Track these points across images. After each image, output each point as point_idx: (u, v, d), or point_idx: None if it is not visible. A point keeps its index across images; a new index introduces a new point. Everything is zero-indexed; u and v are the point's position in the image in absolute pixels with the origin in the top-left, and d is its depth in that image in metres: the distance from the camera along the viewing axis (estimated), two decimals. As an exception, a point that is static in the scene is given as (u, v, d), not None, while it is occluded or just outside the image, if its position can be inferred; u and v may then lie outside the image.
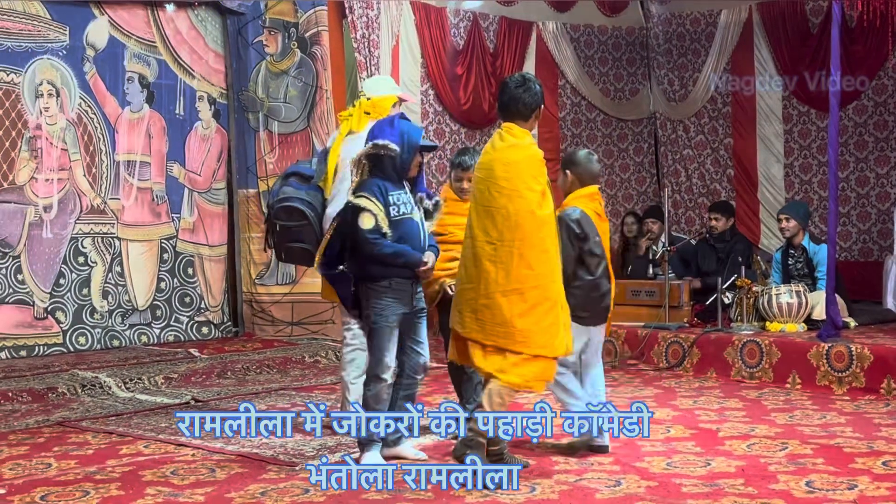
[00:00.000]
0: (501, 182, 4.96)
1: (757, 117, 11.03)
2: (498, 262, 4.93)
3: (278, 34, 9.85)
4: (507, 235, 4.93)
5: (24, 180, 8.83)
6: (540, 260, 4.95)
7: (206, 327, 9.87)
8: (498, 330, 4.92)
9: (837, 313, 7.60)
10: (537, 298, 4.93)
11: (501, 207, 4.94)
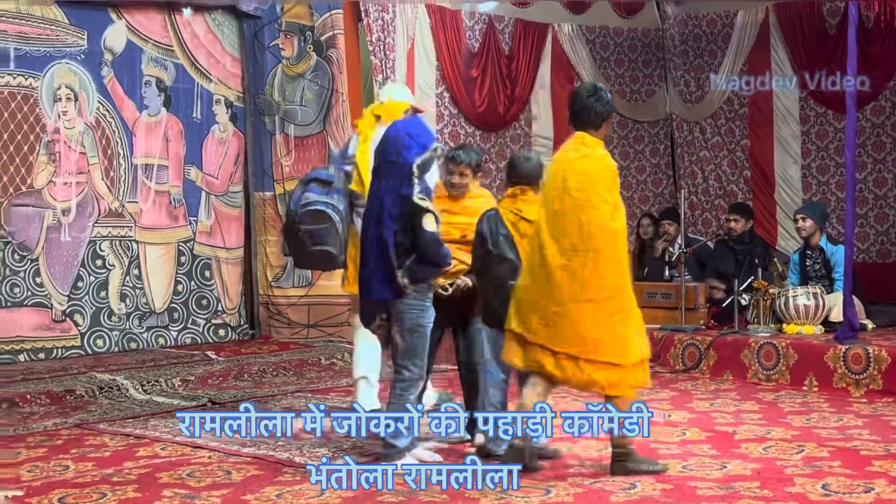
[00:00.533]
0: (574, 192, 5.03)
1: (774, 118, 10.98)
2: (571, 271, 5.01)
3: (294, 38, 9.88)
4: (580, 246, 5.00)
5: (42, 184, 8.88)
6: (613, 271, 5.03)
7: (222, 330, 9.90)
8: (571, 339, 5.00)
9: (855, 315, 7.57)
10: (611, 309, 5.02)
11: (575, 218, 5.01)
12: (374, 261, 5.24)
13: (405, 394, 5.31)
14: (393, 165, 5.26)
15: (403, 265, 5.19)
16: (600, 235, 5.00)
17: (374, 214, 5.30)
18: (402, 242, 5.19)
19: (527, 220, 5.40)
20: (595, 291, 4.99)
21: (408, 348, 5.31)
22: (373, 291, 5.29)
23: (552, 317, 5.03)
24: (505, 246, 5.44)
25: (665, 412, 6.72)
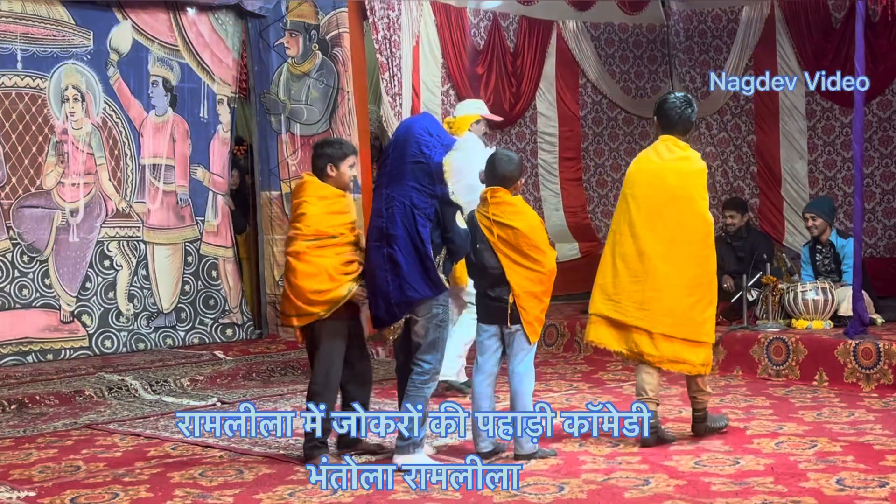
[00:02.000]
0: (677, 190, 5.67)
1: (780, 113, 10.95)
2: (670, 260, 5.62)
3: (299, 36, 9.87)
4: (680, 237, 5.63)
5: (51, 185, 8.88)
6: (708, 260, 5.71)
7: (230, 329, 9.90)
8: (666, 320, 5.60)
9: (864, 310, 7.55)
10: (703, 293, 5.68)
11: (676, 213, 5.64)
12: (408, 261, 5.21)
13: (424, 387, 5.33)
14: (419, 166, 5.26)
15: (437, 262, 5.26)
16: (700, 229, 5.67)
17: (400, 213, 5.25)
18: (432, 240, 5.25)
19: (503, 224, 5.39)
20: (691, 278, 5.62)
21: (432, 342, 5.33)
22: (411, 291, 5.23)
23: (650, 301, 5.62)
24: (484, 255, 5.45)
25: (677, 407, 6.70)
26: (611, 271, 5.77)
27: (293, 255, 5.41)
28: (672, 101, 5.82)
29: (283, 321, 5.66)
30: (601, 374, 8.20)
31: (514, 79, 10.80)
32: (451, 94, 10.37)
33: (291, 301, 5.43)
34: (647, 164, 5.81)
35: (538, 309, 5.46)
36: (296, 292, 5.40)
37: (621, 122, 11.77)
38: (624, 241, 5.73)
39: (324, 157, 5.56)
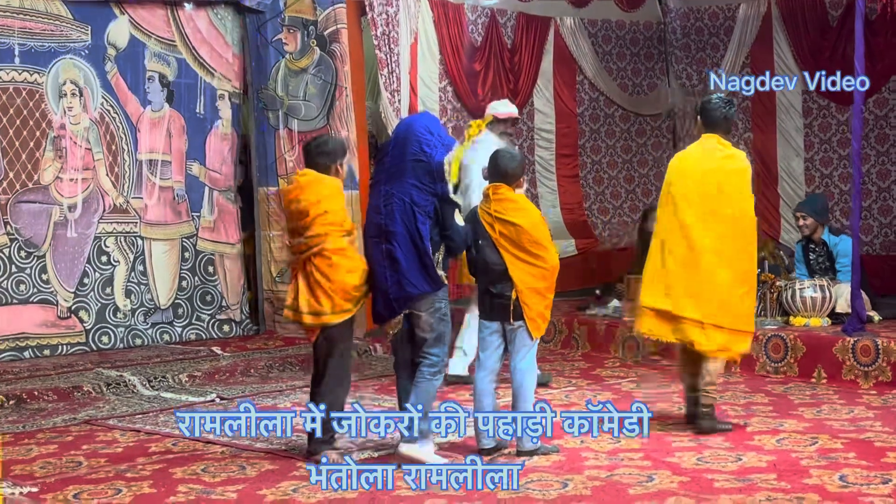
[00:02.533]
0: (726, 187, 5.94)
1: (777, 111, 10.98)
2: (722, 254, 5.89)
3: (297, 32, 9.85)
4: (729, 232, 5.91)
5: (49, 180, 8.86)
6: (753, 254, 6.06)
7: (227, 325, 9.88)
8: (718, 311, 5.86)
9: (863, 307, 7.58)
10: (751, 285, 6.05)
11: (725, 209, 5.91)
12: (407, 257, 5.26)
13: (433, 379, 5.40)
14: (420, 164, 5.31)
15: (436, 258, 5.32)
16: (749, 225, 6.00)
17: (399, 210, 5.29)
18: (431, 237, 5.31)
19: (505, 221, 5.41)
20: (742, 272, 5.93)
21: (438, 336, 5.40)
22: (410, 287, 5.28)
23: (702, 292, 5.87)
24: (486, 251, 5.45)
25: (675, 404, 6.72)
26: (660, 265, 5.99)
27: (335, 252, 5.37)
28: (715, 102, 6.07)
29: (313, 320, 5.43)
30: (599, 371, 8.21)
31: (511, 75, 10.79)
32: (449, 90, 10.36)
33: (330, 298, 5.37)
34: (694, 162, 6.06)
35: (542, 305, 5.47)
36: (337, 288, 5.36)
37: (618, 119, 11.78)
38: (673, 237, 5.97)
39: (330, 155, 5.57)
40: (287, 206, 5.58)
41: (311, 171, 5.58)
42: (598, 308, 9.59)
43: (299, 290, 5.44)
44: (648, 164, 11.96)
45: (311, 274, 5.39)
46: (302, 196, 5.46)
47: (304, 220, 5.41)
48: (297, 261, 5.51)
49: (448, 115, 10.32)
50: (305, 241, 5.41)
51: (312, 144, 5.67)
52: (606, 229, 11.69)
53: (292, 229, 5.55)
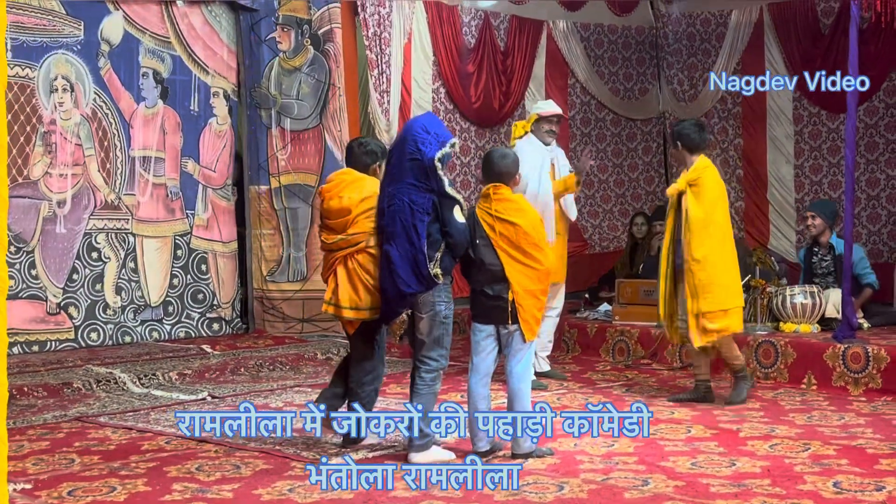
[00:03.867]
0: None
1: (767, 118, 11.02)
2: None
3: (291, 31, 9.84)
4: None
5: (38, 175, 8.82)
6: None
7: (216, 324, 9.86)
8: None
9: (853, 314, 7.61)
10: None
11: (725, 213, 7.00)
12: (401, 256, 5.30)
13: (434, 384, 5.42)
14: (416, 163, 5.35)
15: (434, 257, 5.30)
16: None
17: (399, 210, 5.33)
18: (430, 234, 5.32)
19: (505, 221, 5.41)
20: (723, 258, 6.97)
21: (437, 339, 5.41)
22: (402, 285, 5.31)
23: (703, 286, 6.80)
24: (483, 251, 5.44)
25: (669, 408, 6.74)
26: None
27: (379, 249, 5.52)
28: (688, 129, 6.95)
29: (354, 314, 5.58)
30: (590, 374, 8.23)
31: (504, 78, 10.80)
32: (442, 91, 10.37)
33: (371, 293, 5.53)
34: (717, 174, 7.00)
35: (535, 307, 5.47)
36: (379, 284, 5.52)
37: (609, 124, 11.80)
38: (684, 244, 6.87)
39: (372, 155, 5.80)
40: (327, 203, 5.67)
41: (352, 170, 5.75)
42: (589, 311, 9.62)
43: (339, 285, 5.58)
44: (639, 168, 12.00)
45: (353, 270, 5.54)
46: (344, 193, 5.61)
47: (347, 218, 5.56)
48: (335, 257, 5.62)
49: (440, 116, 10.31)
50: (346, 237, 5.55)
51: (355, 144, 5.88)
52: (596, 233, 11.71)
53: (331, 226, 5.65)
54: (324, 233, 5.73)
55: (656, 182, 12.06)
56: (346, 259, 5.58)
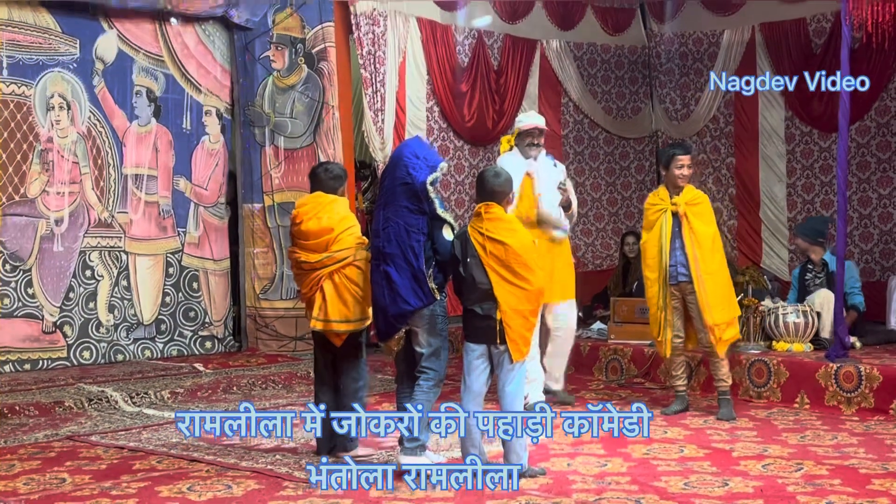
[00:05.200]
0: None
1: (759, 137, 11.08)
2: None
3: (285, 50, 9.87)
4: None
5: (35, 193, 8.81)
6: None
7: (209, 342, 9.84)
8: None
9: (846, 333, 7.63)
10: None
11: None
12: (401, 275, 5.51)
13: (430, 392, 5.59)
14: (407, 187, 5.56)
15: (427, 273, 5.52)
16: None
17: (394, 232, 5.55)
18: (426, 252, 5.54)
19: (495, 240, 5.41)
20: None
21: (434, 351, 5.61)
22: (403, 303, 5.51)
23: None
24: (473, 269, 5.45)
25: (662, 427, 6.75)
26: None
27: (364, 262, 5.81)
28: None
29: (345, 327, 5.84)
30: (584, 394, 8.23)
31: (497, 96, 10.84)
32: (436, 110, 10.40)
33: (360, 304, 5.84)
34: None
35: (524, 328, 5.46)
36: (367, 295, 5.80)
37: (602, 142, 11.84)
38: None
39: (340, 179, 6.06)
40: (305, 224, 5.87)
41: (322, 193, 5.99)
42: (582, 329, 9.61)
43: (328, 301, 5.79)
44: (631, 186, 12.02)
45: (341, 284, 5.77)
46: (323, 214, 5.86)
47: (329, 237, 5.80)
48: (319, 275, 5.80)
49: (434, 134, 10.36)
50: (331, 255, 5.78)
51: (321, 170, 6.10)
52: (589, 251, 11.73)
53: (311, 246, 5.84)
54: (302, 253, 5.89)
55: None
56: (332, 275, 5.79)
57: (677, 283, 7.16)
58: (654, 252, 7.20)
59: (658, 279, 7.19)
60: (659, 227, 7.18)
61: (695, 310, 7.13)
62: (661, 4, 11.59)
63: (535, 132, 7.53)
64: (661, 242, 7.15)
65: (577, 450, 6.08)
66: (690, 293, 7.12)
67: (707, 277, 7.05)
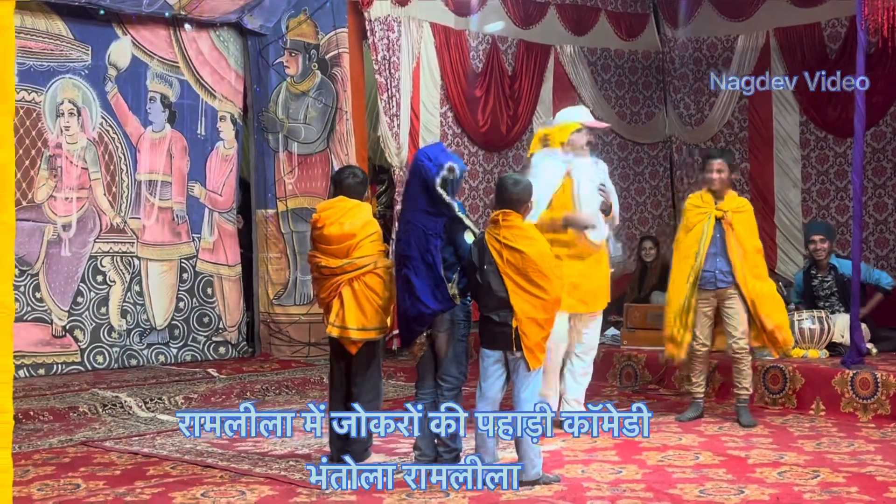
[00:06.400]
0: None
1: (774, 142, 11.02)
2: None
3: (299, 56, 9.88)
4: None
5: (42, 198, 8.83)
6: None
7: (222, 347, 9.85)
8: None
9: (862, 340, 7.58)
10: None
11: None
12: (419, 278, 5.52)
13: (456, 400, 5.60)
14: (424, 190, 5.59)
15: (451, 278, 5.52)
16: None
17: (414, 237, 5.57)
18: (445, 259, 5.53)
19: (512, 248, 5.39)
20: None
21: (455, 357, 5.63)
22: (422, 306, 5.52)
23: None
24: (490, 277, 5.44)
25: (677, 434, 6.71)
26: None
27: (385, 270, 5.81)
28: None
29: (362, 335, 5.77)
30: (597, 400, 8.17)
31: (511, 102, 10.82)
32: (450, 115, 10.38)
33: (378, 313, 5.81)
34: None
35: (539, 336, 5.43)
36: (386, 304, 5.81)
37: (616, 148, 11.80)
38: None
39: (364, 184, 6.02)
40: (327, 229, 5.81)
41: (346, 197, 5.91)
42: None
43: (346, 308, 5.72)
44: (645, 192, 11.99)
45: (360, 291, 5.72)
46: (345, 220, 5.78)
47: (350, 242, 5.74)
48: (339, 281, 5.76)
49: (448, 140, 10.34)
50: (352, 261, 5.72)
51: (347, 174, 6.02)
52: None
53: (331, 251, 5.78)
54: (322, 258, 5.82)
55: (663, 206, 12.05)
56: (352, 281, 5.73)
57: (715, 289, 7.08)
58: (689, 253, 7.13)
59: (686, 281, 7.12)
60: (700, 231, 7.13)
61: (734, 314, 7.07)
62: (674, 9, 11.55)
63: (585, 129, 6.95)
64: (700, 246, 7.09)
65: (591, 456, 6.05)
66: (729, 299, 7.07)
67: (756, 282, 7.06)
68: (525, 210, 5.57)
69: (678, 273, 7.19)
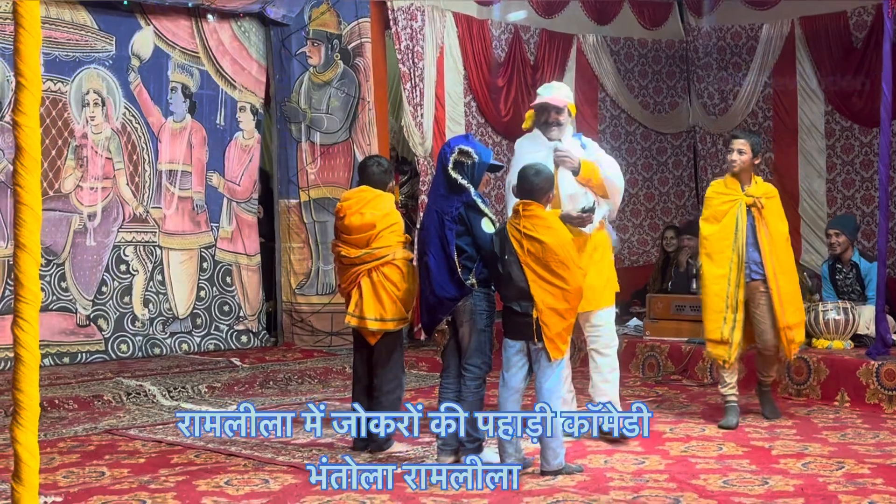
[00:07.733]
0: None
1: (798, 132, 10.94)
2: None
3: (321, 46, 9.88)
4: None
5: (69, 188, 8.89)
6: None
7: (244, 336, 9.88)
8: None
9: (888, 331, 7.52)
10: None
11: None
12: (437, 264, 5.50)
13: (479, 390, 5.59)
14: (443, 176, 5.59)
15: (470, 268, 5.49)
16: None
17: (433, 222, 5.57)
18: (464, 249, 5.50)
19: (533, 238, 5.37)
20: None
21: (478, 346, 5.58)
22: (440, 290, 5.50)
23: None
24: (512, 267, 5.42)
25: (700, 425, 6.68)
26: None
27: (404, 261, 5.88)
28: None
29: (380, 326, 5.83)
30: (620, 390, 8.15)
31: (534, 91, 10.72)
32: (473, 105, 10.37)
33: (396, 304, 5.84)
34: None
35: (560, 326, 5.40)
36: (404, 296, 5.86)
37: (639, 137, 11.76)
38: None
39: (389, 174, 6.06)
40: (348, 219, 5.86)
41: (369, 187, 5.95)
42: (618, 326, 9.54)
43: (364, 298, 5.77)
44: (669, 182, 11.94)
45: (378, 282, 5.76)
46: (366, 210, 5.83)
47: (371, 233, 5.79)
48: (358, 271, 5.80)
49: (472, 129, 10.33)
50: (371, 251, 5.77)
51: (373, 163, 6.05)
52: (626, 247, 11.65)
53: (352, 241, 5.84)
54: (343, 248, 5.88)
55: (686, 196, 12.00)
56: (371, 272, 5.78)
57: (750, 281, 6.66)
58: (725, 246, 6.64)
59: (729, 275, 6.64)
60: (733, 220, 6.63)
61: (764, 309, 6.65)
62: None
63: (550, 109, 6.21)
64: (736, 235, 6.62)
65: (614, 447, 6.03)
66: (759, 292, 6.66)
67: (782, 277, 6.62)
68: (546, 200, 5.55)
69: (715, 269, 6.66)
